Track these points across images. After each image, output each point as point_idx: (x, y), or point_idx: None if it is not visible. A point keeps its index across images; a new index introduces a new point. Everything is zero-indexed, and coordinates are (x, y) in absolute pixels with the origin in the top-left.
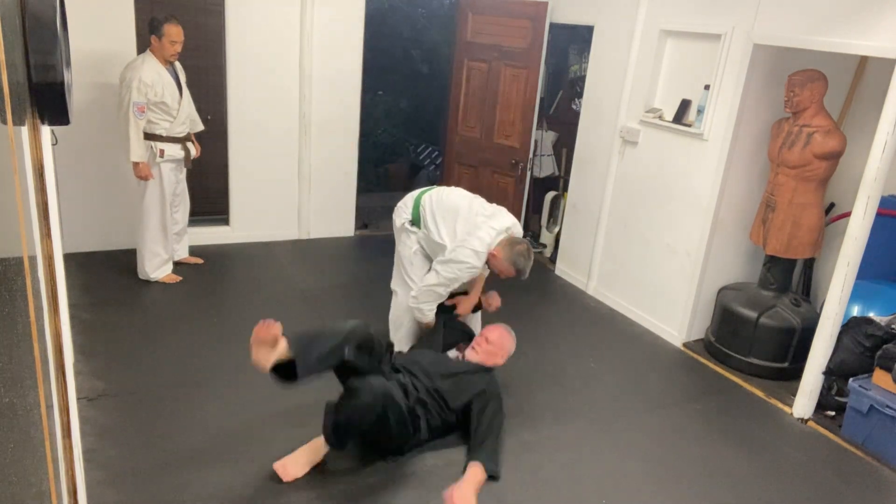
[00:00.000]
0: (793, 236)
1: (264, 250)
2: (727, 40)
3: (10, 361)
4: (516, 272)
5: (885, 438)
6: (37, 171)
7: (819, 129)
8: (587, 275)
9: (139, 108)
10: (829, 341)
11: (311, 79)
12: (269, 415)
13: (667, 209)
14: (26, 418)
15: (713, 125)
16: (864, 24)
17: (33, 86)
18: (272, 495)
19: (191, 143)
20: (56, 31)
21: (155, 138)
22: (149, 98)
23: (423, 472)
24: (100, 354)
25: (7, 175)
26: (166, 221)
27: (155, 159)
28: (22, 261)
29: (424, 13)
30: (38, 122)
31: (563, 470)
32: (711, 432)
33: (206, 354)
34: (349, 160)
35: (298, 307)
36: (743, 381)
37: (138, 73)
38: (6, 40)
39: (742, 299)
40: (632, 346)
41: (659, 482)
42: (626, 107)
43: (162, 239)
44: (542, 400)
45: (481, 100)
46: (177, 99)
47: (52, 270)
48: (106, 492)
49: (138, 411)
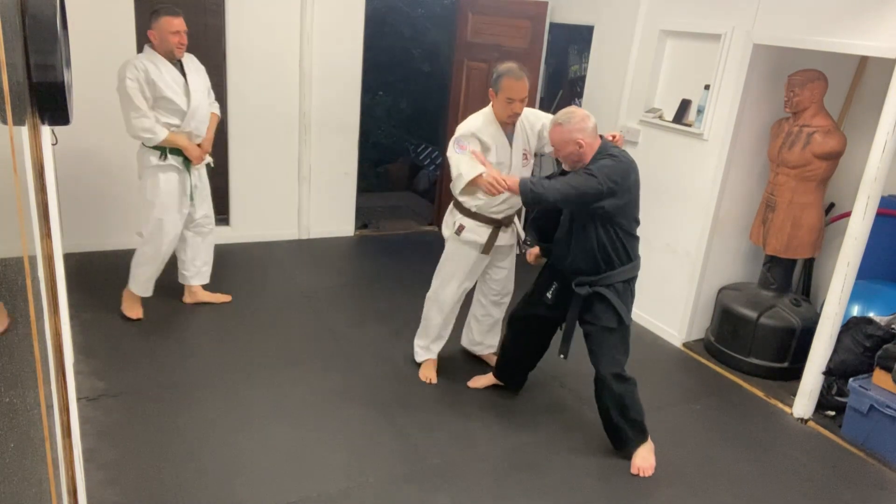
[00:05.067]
0: (793, 236)
1: (264, 250)
2: (727, 40)
3: (11, 361)
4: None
5: (885, 438)
6: (37, 171)
7: (819, 129)
8: None
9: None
10: (829, 341)
11: (312, 78)
12: (268, 414)
13: (667, 209)
14: (26, 418)
15: (713, 125)
16: (864, 24)
17: (33, 86)
18: (271, 495)
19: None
20: (56, 31)
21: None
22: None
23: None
24: (100, 354)
25: (7, 175)
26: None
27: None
28: (22, 261)
29: (424, 13)
30: (38, 122)
31: (563, 470)
32: (711, 432)
33: (207, 354)
34: (349, 160)
35: (298, 307)
36: (743, 381)
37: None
38: (6, 40)
39: (742, 299)
40: (632, 346)
41: (659, 482)
42: (626, 107)
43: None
44: (542, 400)
45: (481, 100)
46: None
47: (52, 270)
48: (106, 492)
49: (138, 411)
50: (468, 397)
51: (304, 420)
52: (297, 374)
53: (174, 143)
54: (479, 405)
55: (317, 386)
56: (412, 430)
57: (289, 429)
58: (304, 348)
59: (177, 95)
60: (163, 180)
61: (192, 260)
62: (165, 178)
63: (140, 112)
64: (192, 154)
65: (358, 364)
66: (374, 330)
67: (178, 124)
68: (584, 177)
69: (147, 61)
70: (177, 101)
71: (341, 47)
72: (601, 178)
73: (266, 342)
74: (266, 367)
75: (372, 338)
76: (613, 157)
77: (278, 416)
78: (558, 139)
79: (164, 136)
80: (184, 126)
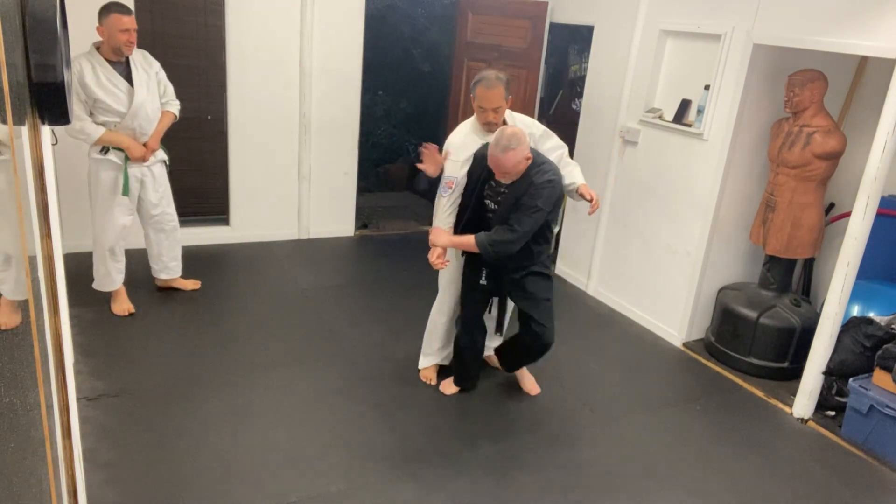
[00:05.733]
0: (793, 236)
1: (264, 250)
2: (727, 40)
3: (11, 361)
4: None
5: (885, 438)
6: (37, 171)
7: (819, 129)
8: (587, 275)
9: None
10: (829, 341)
11: (312, 78)
12: (268, 414)
13: (667, 209)
14: (26, 418)
15: (713, 125)
16: (864, 24)
17: (33, 86)
18: (271, 494)
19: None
20: (56, 31)
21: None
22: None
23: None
24: (100, 354)
25: (7, 175)
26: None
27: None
28: (22, 261)
29: (424, 13)
30: (38, 122)
31: (563, 470)
32: (711, 432)
33: (206, 354)
34: (349, 160)
35: (298, 307)
36: (743, 381)
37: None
38: (6, 40)
39: (742, 299)
40: (632, 346)
41: (659, 482)
42: (626, 107)
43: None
44: (542, 400)
45: None
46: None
47: (52, 270)
48: (106, 492)
49: (138, 411)
50: (468, 397)
51: (304, 420)
52: (297, 373)
53: (113, 141)
54: (479, 405)
55: (317, 386)
56: (412, 431)
57: (289, 429)
58: (303, 348)
59: (110, 97)
60: (102, 174)
61: (158, 256)
62: (104, 171)
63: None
64: (133, 153)
65: (358, 364)
66: (374, 330)
67: (117, 122)
68: (533, 216)
69: (85, 61)
70: (111, 102)
71: (341, 47)
72: (546, 207)
73: (266, 342)
74: (266, 366)
75: (372, 338)
76: (549, 180)
77: (278, 416)
78: (512, 163)
79: (97, 135)
80: (126, 123)
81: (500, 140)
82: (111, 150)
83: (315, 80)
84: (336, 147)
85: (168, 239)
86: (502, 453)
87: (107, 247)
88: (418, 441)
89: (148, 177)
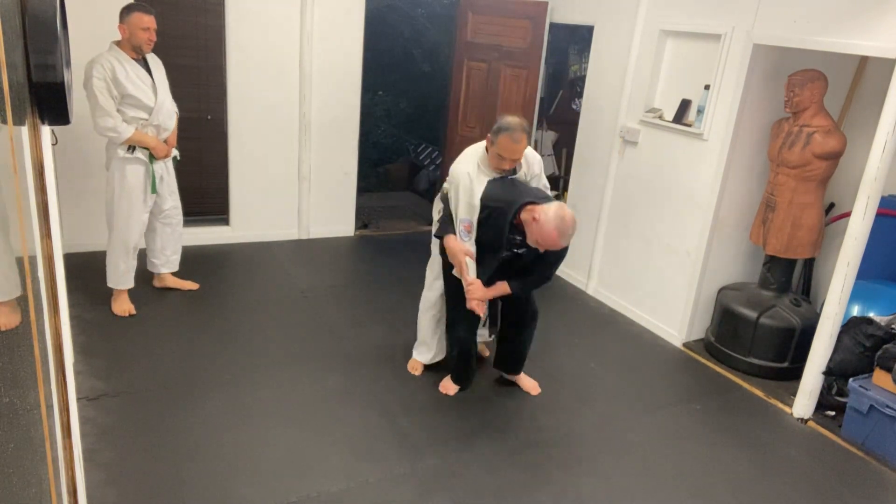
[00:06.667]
0: (793, 236)
1: (264, 250)
2: (727, 40)
3: (11, 361)
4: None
5: (885, 438)
6: (37, 171)
7: (819, 129)
8: (587, 275)
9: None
10: (829, 341)
11: (311, 79)
12: (268, 414)
13: (667, 209)
14: (26, 418)
15: (713, 125)
16: (864, 24)
17: (33, 86)
18: (271, 494)
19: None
20: (56, 31)
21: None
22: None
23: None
24: (100, 354)
25: (7, 175)
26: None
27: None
28: (22, 261)
29: (424, 13)
30: (38, 122)
31: (563, 469)
32: (711, 432)
33: (207, 354)
34: (349, 160)
35: (298, 307)
36: (743, 381)
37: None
38: (6, 40)
39: (742, 299)
40: (632, 346)
41: (659, 482)
42: (626, 107)
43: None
44: (542, 400)
45: (481, 100)
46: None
47: (52, 270)
48: (106, 492)
49: (138, 411)
50: (467, 397)
51: (305, 420)
52: (297, 373)
53: (140, 141)
54: (479, 405)
55: (317, 386)
56: (412, 430)
57: (289, 428)
58: (303, 348)
59: (141, 92)
60: (129, 172)
61: (162, 249)
62: (132, 170)
63: (104, 111)
64: (158, 152)
65: (358, 364)
66: (374, 330)
67: (146, 118)
68: (557, 259)
69: (113, 59)
70: (142, 97)
71: (341, 47)
72: (565, 253)
73: (266, 342)
74: (266, 366)
75: (372, 338)
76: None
77: (278, 416)
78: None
79: (129, 134)
80: (152, 119)
81: (566, 231)
82: (137, 148)
83: (315, 80)
84: (336, 147)
85: (174, 233)
86: (502, 453)
87: (131, 245)
88: (418, 441)
89: (165, 173)
